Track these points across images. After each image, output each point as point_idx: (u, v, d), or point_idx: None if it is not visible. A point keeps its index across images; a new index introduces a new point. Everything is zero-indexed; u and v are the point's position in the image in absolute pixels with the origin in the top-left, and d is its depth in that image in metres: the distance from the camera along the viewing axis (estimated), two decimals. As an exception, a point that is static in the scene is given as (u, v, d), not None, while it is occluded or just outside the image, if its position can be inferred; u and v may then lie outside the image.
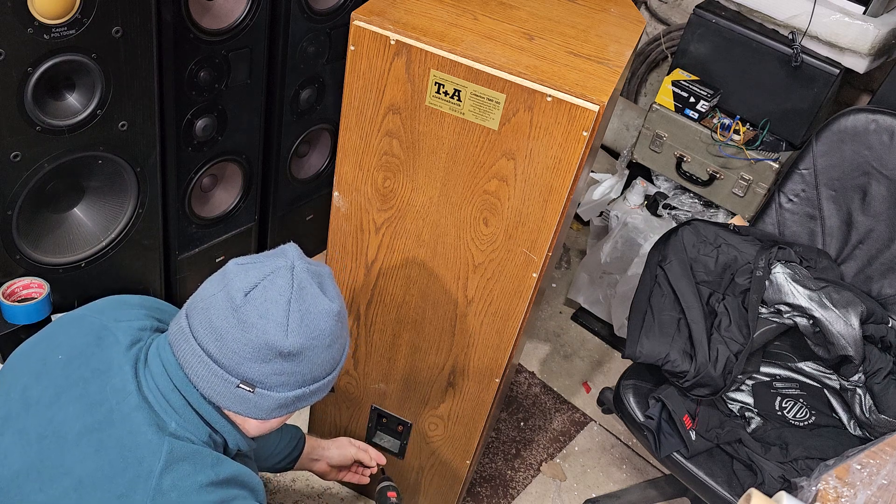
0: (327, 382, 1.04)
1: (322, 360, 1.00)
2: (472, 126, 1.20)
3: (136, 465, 0.92)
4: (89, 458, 0.92)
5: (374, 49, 1.18)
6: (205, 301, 0.97)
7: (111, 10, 1.38)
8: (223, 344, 0.94)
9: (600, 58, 1.22)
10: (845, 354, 1.66)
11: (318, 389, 1.03)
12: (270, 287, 0.95)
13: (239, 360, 0.95)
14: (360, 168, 1.33)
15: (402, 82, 1.20)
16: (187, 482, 0.93)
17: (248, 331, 0.93)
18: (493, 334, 1.44)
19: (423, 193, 1.31)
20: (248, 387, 0.96)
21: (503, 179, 1.24)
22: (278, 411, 1.01)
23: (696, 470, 1.61)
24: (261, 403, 0.99)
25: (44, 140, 1.42)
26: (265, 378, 0.96)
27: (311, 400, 1.04)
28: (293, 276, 0.97)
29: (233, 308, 0.94)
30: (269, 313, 0.94)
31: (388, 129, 1.26)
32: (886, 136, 1.76)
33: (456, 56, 1.15)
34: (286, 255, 1.00)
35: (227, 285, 0.95)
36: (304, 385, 1.00)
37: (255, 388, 0.97)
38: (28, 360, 1.03)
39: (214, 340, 0.95)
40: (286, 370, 0.97)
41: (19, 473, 0.94)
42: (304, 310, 0.96)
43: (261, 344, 0.94)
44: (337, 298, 1.01)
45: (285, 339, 0.94)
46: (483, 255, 1.34)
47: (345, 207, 1.39)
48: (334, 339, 1.01)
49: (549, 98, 1.12)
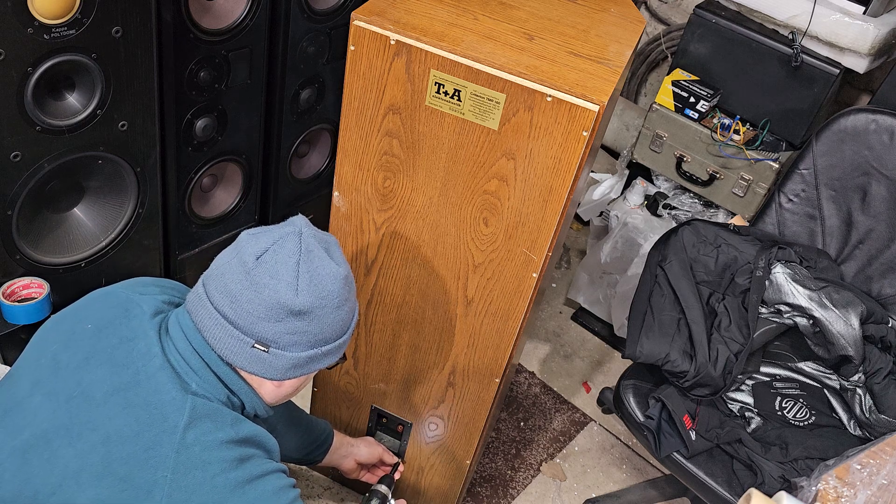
0: (339, 345, 1.09)
1: (332, 320, 1.05)
2: (472, 126, 1.20)
3: (161, 421, 0.96)
4: (117, 416, 0.97)
5: (374, 49, 1.18)
6: (220, 268, 1.02)
7: (111, 10, 1.38)
8: (238, 305, 0.99)
9: (600, 58, 1.22)
10: (845, 354, 1.66)
11: (329, 351, 1.08)
12: (280, 250, 1.00)
13: (253, 320, 1.00)
14: (360, 168, 1.33)
15: (402, 82, 1.20)
16: (209, 437, 0.97)
17: (260, 291, 0.99)
18: (493, 334, 1.44)
19: (423, 193, 1.31)
20: (262, 346, 1.01)
21: (503, 179, 1.24)
22: (292, 371, 1.05)
23: (696, 470, 1.61)
24: (275, 363, 1.03)
25: (44, 140, 1.42)
26: (278, 337, 1.01)
27: (324, 362, 1.08)
28: (301, 240, 1.02)
29: (245, 271, 0.99)
30: (279, 274, 0.99)
31: (388, 129, 1.26)
32: (886, 136, 1.76)
33: (456, 56, 1.15)
34: (294, 223, 1.05)
35: (240, 252, 1.01)
36: (315, 346, 1.05)
37: (269, 347, 1.02)
38: (57, 330, 1.08)
39: (230, 303, 1.00)
40: (298, 329, 1.02)
41: (48, 431, 0.98)
42: (313, 271, 1.01)
43: (273, 303, 0.99)
44: (343, 264, 1.06)
45: (296, 298, 0.99)
46: (483, 255, 1.34)
47: (345, 207, 1.39)
48: (343, 301, 1.05)
49: (549, 98, 1.12)
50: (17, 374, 1.06)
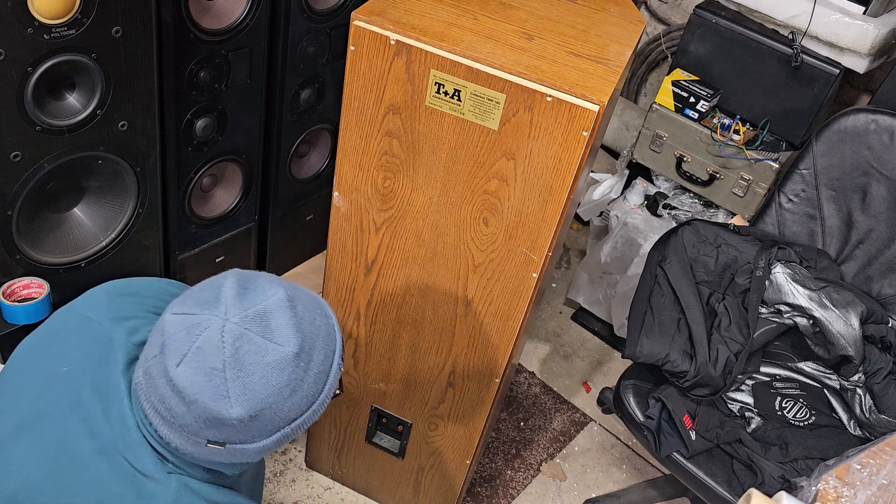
0: (315, 410, 0.94)
1: (290, 407, 0.89)
2: (473, 126, 1.20)
3: (148, 500, 0.91)
4: (106, 482, 0.91)
5: (374, 49, 1.18)
6: (149, 362, 0.89)
7: (111, 10, 1.38)
8: (175, 415, 0.87)
9: (600, 58, 1.22)
10: (845, 354, 1.66)
11: (300, 425, 0.93)
12: (200, 357, 0.85)
13: (196, 428, 0.87)
14: (360, 168, 1.33)
15: (402, 82, 1.20)
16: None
17: (190, 407, 0.85)
18: (493, 334, 1.44)
19: (423, 193, 1.31)
20: (217, 444, 0.89)
21: (503, 179, 1.24)
22: (261, 454, 0.93)
23: (695, 470, 1.61)
24: (238, 454, 0.91)
25: (44, 140, 1.42)
26: (230, 437, 0.88)
27: (304, 427, 0.94)
28: (223, 337, 0.85)
29: (169, 382, 0.86)
30: (203, 389, 0.84)
31: (388, 128, 1.26)
32: (886, 136, 1.76)
33: (456, 56, 1.15)
34: (219, 300, 0.87)
35: (163, 350, 0.86)
36: (278, 430, 0.91)
37: (224, 444, 0.89)
38: (35, 365, 1.00)
39: (166, 410, 0.88)
40: (250, 429, 0.88)
41: (34, 484, 0.92)
42: (246, 373, 0.85)
43: (208, 417, 0.86)
44: (292, 336, 0.88)
45: (230, 411, 0.85)
46: (483, 255, 1.34)
47: (345, 207, 1.39)
48: (298, 383, 0.89)
49: (549, 98, 1.12)
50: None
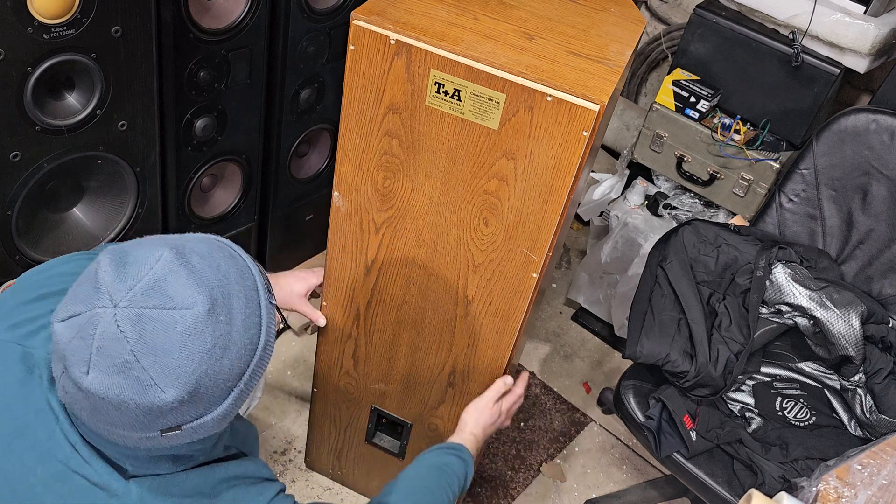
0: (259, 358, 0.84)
1: (230, 362, 0.80)
2: (473, 126, 1.20)
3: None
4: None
5: (374, 48, 1.18)
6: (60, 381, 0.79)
7: (111, 10, 1.38)
8: (112, 422, 0.78)
9: (601, 57, 1.22)
10: (846, 355, 1.66)
11: (253, 373, 0.84)
12: (105, 356, 0.74)
13: (141, 425, 0.78)
14: (360, 168, 1.32)
15: (402, 82, 1.20)
16: None
17: (121, 409, 0.76)
18: (493, 334, 1.44)
19: (422, 193, 1.31)
20: (172, 430, 0.79)
21: (503, 179, 1.23)
22: (224, 421, 0.84)
23: (696, 470, 1.61)
24: (198, 430, 0.82)
25: (43, 140, 1.42)
26: (181, 419, 0.79)
27: (258, 375, 0.85)
28: (118, 325, 0.74)
29: (88, 395, 0.76)
30: (124, 387, 0.75)
31: (388, 128, 1.26)
32: (887, 136, 1.75)
33: (456, 55, 1.15)
34: (99, 288, 0.76)
35: (66, 364, 0.76)
36: (231, 389, 0.82)
37: (180, 427, 0.80)
38: None
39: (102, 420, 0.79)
40: (196, 404, 0.79)
41: None
42: (161, 353, 0.75)
43: (145, 412, 0.76)
44: (196, 292, 0.77)
45: (164, 396, 0.75)
46: (483, 255, 1.34)
47: (345, 207, 1.39)
48: (226, 337, 0.79)
49: (549, 98, 1.12)
50: None
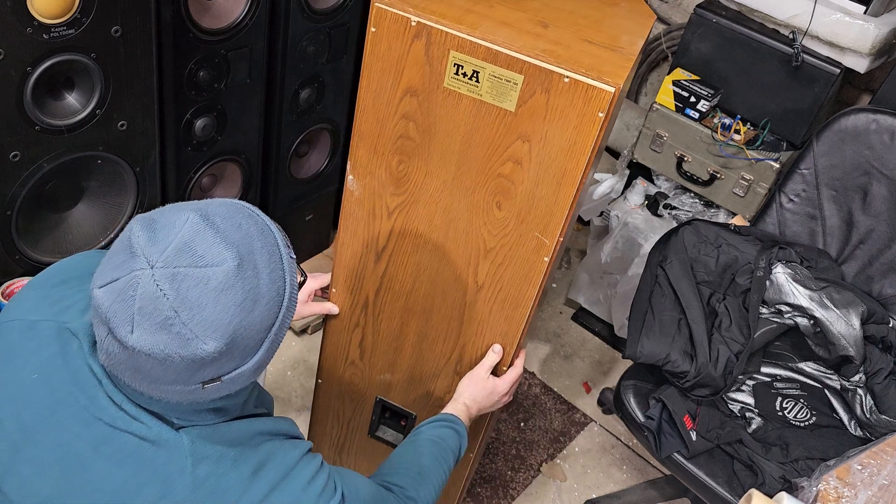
0: (287, 304, 0.89)
1: (261, 313, 0.85)
2: (489, 108, 1.21)
3: (164, 466, 0.88)
4: (115, 472, 0.88)
5: (395, 31, 1.20)
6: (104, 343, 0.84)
7: (110, 10, 1.37)
8: (155, 379, 0.83)
9: (614, 46, 1.24)
10: (846, 355, 1.66)
11: (283, 321, 0.89)
12: (147, 314, 0.79)
13: (184, 378, 0.83)
14: (376, 152, 1.33)
15: (421, 64, 1.21)
16: (221, 465, 0.90)
17: (165, 363, 0.81)
18: (501, 322, 1.44)
19: (436, 177, 1.32)
20: (213, 382, 0.85)
21: (518, 162, 1.24)
22: (261, 370, 0.90)
23: (696, 470, 1.61)
24: (236, 380, 0.87)
25: (43, 140, 1.42)
26: (220, 370, 0.84)
27: (287, 324, 0.91)
28: (157, 283, 0.79)
29: (133, 354, 0.81)
30: (168, 342, 0.80)
31: (405, 111, 1.27)
32: (887, 135, 1.75)
33: (475, 38, 1.16)
34: (135, 255, 0.81)
35: (109, 326, 0.81)
36: (263, 340, 0.87)
37: (220, 378, 0.85)
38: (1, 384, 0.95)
39: (147, 378, 0.84)
40: (233, 354, 0.84)
41: (47, 501, 0.89)
42: (199, 308, 0.80)
43: (187, 364, 0.81)
44: (224, 249, 0.82)
45: (205, 348, 0.81)
46: (495, 240, 1.34)
47: (358, 192, 1.39)
48: (255, 290, 0.84)
49: (566, 79, 1.14)
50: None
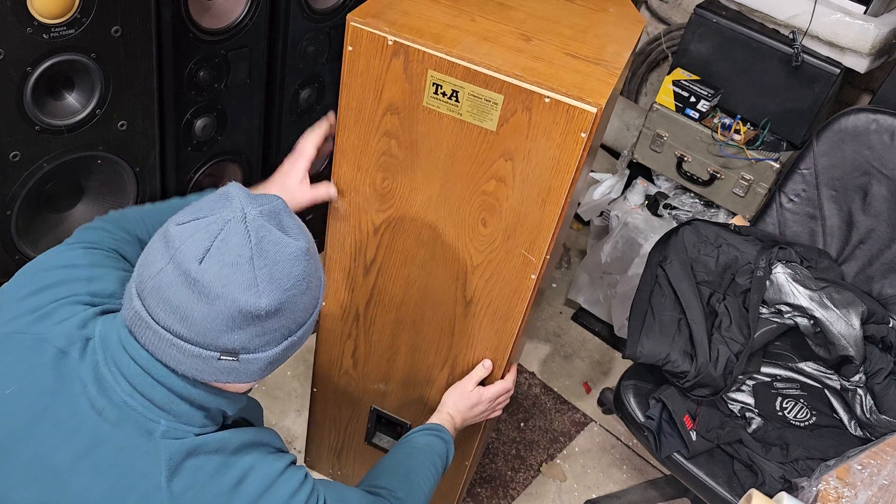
0: (311, 322, 0.96)
1: (303, 305, 0.91)
2: (471, 126, 1.20)
3: (141, 481, 0.87)
4: (93, 486, 0.88)
5: (372, 49, 1.18)
6: (154, 278, 0.85)
7: (110, 10, 1.37)
8: (191, 323, 0.84)
9: (598, 59, 1.22)
10: (846, 355, 1.66)
11: (304, 333, 0.94)
12: (225, 249, 0.83)
13: (215, 334, 0.85)
14: (359, 168, 1.32)
15: (401, 82, 1.20)
16: (198, 477, 0.89)
17: (214, 303, 0.83)
18: (491, 335, 1.44)
19: (421, 194, 1.31)
20: (230, 356, 0.87)
21: (501, 180, 1.23)
22: (269, 369, 0.93)
23: (696, 470, 1.61)
24: (248, 368, 0.90)
25: (43, 140, 1.42)
26: (247, 343, 0.87)
27: (303, 342, 0.96)
28: (247, 227, 0.85)
29: (189, 282, 0.83)
30: (232, 279, 0.83)
31: (387, 129, 1.26)
32: (887, 135, 1.75)
33: (454, 57, 1.15)
34: (231, 201, 0.87)
35: (175, 255, 0.83)
36: (289, 335, 0.92)
37: (238, 355, 0.88)
38: None
39: (180, 320, 0.84)
40: (268, 329, 0.88)
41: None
42: (272, 262, 0.85)
43: (233, 313, 0.84)
44: (301, 233, 0.91)
45: (259, 301, 0.84)
46: (482, 256, 1.34)
47: (343, 208, 1.39)
48: (311, 280, 0.91)
49: (547, 99, 1.12)
50: None
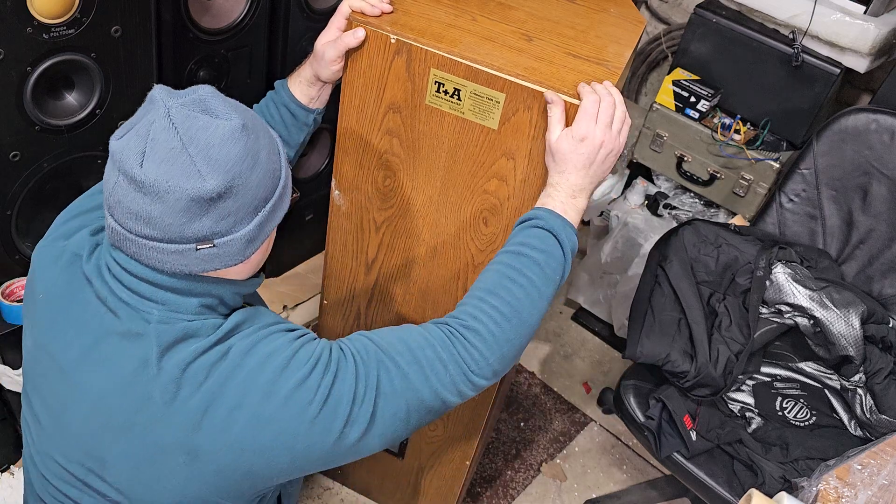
0: (280, 194, 0.97)
1: (257, 179, 0.93)
2: (472, 125, 1.20)
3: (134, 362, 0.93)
4: (95, 376, 0.95)
5: (375, 48, 1.18)
6: (113, 193, 0.91)
7: (110, 10, 1.37)
8: (156, 223, 0.89)
9: (599, 59, 1.22)
10: (846, 354, 1.66)
11: (275, 206, 0.97)
12: (158, 146, 0.87)
13: (180, 227, 0.89)
14: (361, 167, 1.32)
15: (403, 81, 1.20)
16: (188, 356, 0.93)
17: (165, 199, 0.87)
18: None
19: (423, 192, 1.31)
20: (206, 244, 0.91)
21: (503, 179, 1.23)
22: (250, 246, 0.95)
23: (696, 470, 1.61)
24: (228, 250, 0.93)
25: (43, 139, 1.42)
26: (215, 227, 0.91)
27: (277, 215, 0.98)
28: (171, 121, 0.88)
29: (139, 187, 0.87)
30: (172, 172, 0.87)
31: (389, 127, 1.26)
32: (887, 135, 1.75)
33: (456, 56, 1.15)
34: (154, 102, 0.91)
35: (120, 166, 0.89)
36: (258, 210, 0.94)
37: (212, 241, 0.91)
38: (26, 313, 1.07)
39: (146, 224, 0.89)
40: (230, 209, 0.91)
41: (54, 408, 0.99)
42: (205, 146, 0.88)
43: (187, 203, 0.88)
44: (232, 112, 0.93)
45: (205, 185, 0.87)
46: (483, 255, 1.34)
47: (345, 206, 1.39)
48: (255, 154, 0.92)
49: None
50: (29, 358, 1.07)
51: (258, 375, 0.94)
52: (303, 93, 1.29)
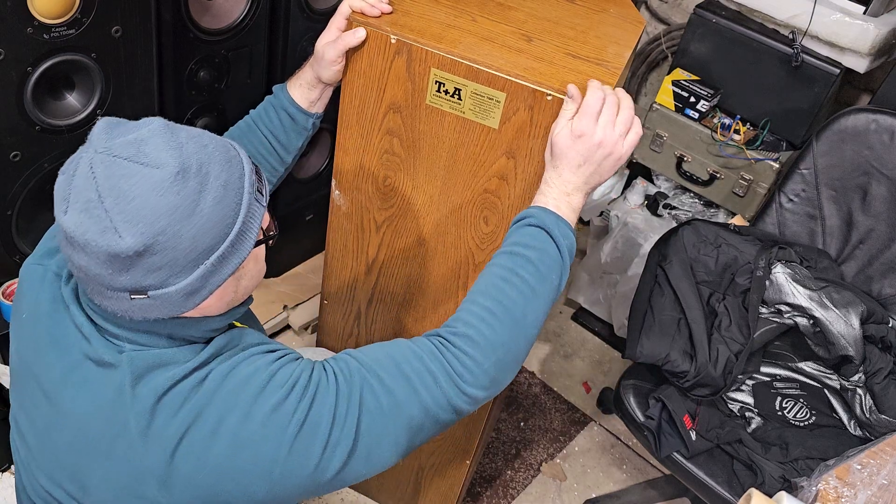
0: (235, 239, 0.87)
1: (196, 230, 0.82)
2: (473, 125, 1.20)
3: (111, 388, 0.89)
4: (81, 398, 0.92)
5: (375, 48, 1.18)
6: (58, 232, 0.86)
7: (111, 10, 1.38)
8: (86, 271, 0.83)
9: (599, 59, 1.22)
10: (846, 354, 1.66)
11: (227, 254, 0.86)
12: (77, 194, 0.80)
13: (107, 278, 0.82)
14: (361, 166, 1.33)
15: (403, 81, 1.20)
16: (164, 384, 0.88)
17: (87, 252, 0.81)
18: None
19: (423, 192, 1.31)
20: (140, 295, 0.84)
21: (503, 178, 1.24)
22: (194, 298, 0.87)
23: (696, 470, 1.61)
24: (167, 300, 0.85)
25: (43, 139, 1.42)
26: (143, 281, 0.83)
27: (233, 262, 0.88)
28: (91, 168, 0.80)
29: (65, 236, 0.82)
30: (87, 226, 0.80)
31: (389, 127, 1.26)
32: (887, 135, 1.75)
33: (456, 56, 1.15)
34: (89, 141, 0.84)
35: (56, 209, 0.83)
36: (198, 262, 0.84)
37: (146, 292, 0.84)
38: (12, 328, 1.04)
39: (79, 270, 0.84)
40: (156, 264, 0.82)
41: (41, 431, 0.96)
42: (125, 199, 0.79)
43: (106, 258, 0.80)
44: (167, 156, 0.81)
45: (121, 243, 0.79)
46: (484, 254, 1.34)
47: (345, 206, 1.39)
48: (192, 204, 0.81)
49: (549, 97, 1.12)
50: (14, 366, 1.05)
51: (236, 398, 0.89)
52: (303, 96, 1.29)
